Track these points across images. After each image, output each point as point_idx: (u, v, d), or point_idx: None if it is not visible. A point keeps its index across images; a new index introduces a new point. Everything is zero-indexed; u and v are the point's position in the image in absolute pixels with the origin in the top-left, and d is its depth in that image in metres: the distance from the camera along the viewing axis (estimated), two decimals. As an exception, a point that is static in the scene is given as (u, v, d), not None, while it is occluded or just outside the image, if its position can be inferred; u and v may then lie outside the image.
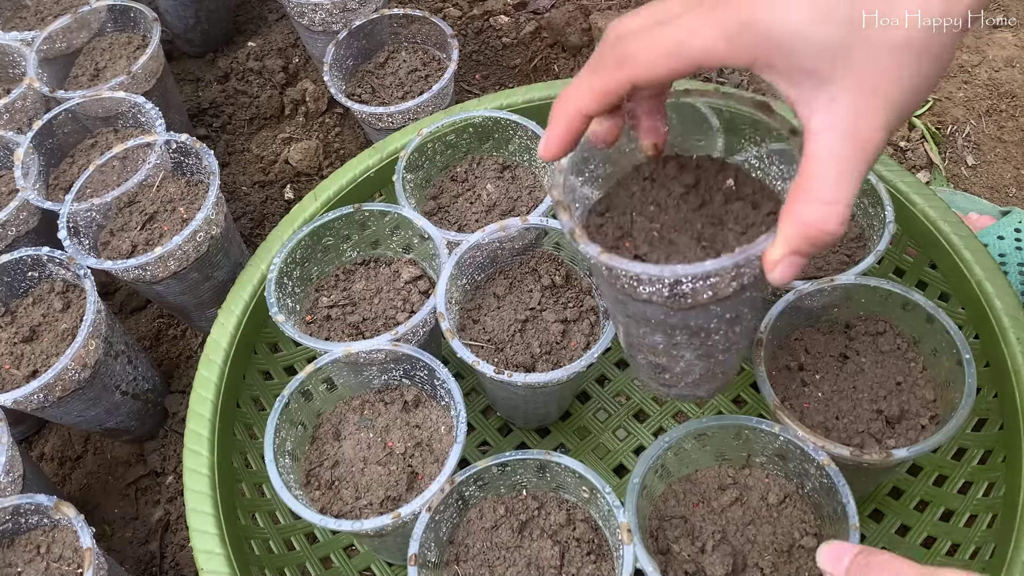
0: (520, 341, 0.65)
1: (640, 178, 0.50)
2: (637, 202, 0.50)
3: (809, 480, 0.56)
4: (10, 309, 0.76)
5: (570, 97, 0.41)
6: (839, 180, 0.35)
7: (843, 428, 0.58)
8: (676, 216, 0.48)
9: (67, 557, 0.62)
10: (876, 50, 0.34)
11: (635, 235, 0.48)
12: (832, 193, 0.35)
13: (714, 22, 0.36)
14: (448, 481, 0.56)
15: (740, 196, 0.48)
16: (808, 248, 0.36)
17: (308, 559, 0.68)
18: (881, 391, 0.59)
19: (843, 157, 0.35)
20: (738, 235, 0.46)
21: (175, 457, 0.83)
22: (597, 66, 0.39)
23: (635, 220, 0.49)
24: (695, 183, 0.49)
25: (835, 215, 0.35)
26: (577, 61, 1.09)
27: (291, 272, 0.70)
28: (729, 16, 0.35)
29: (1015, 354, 0.61)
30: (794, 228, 0.36)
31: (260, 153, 1.06)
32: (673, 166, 0.50)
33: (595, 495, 0.56)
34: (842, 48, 0.34)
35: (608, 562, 0.56)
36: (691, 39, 0.36)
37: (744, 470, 0.59)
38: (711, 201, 0.49)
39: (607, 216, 0.49)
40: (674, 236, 0.48)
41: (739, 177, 0.49)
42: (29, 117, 0.89)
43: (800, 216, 0.36)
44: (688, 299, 0.45)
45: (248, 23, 1.21)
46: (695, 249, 0.47)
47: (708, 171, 0.50)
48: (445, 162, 0.79)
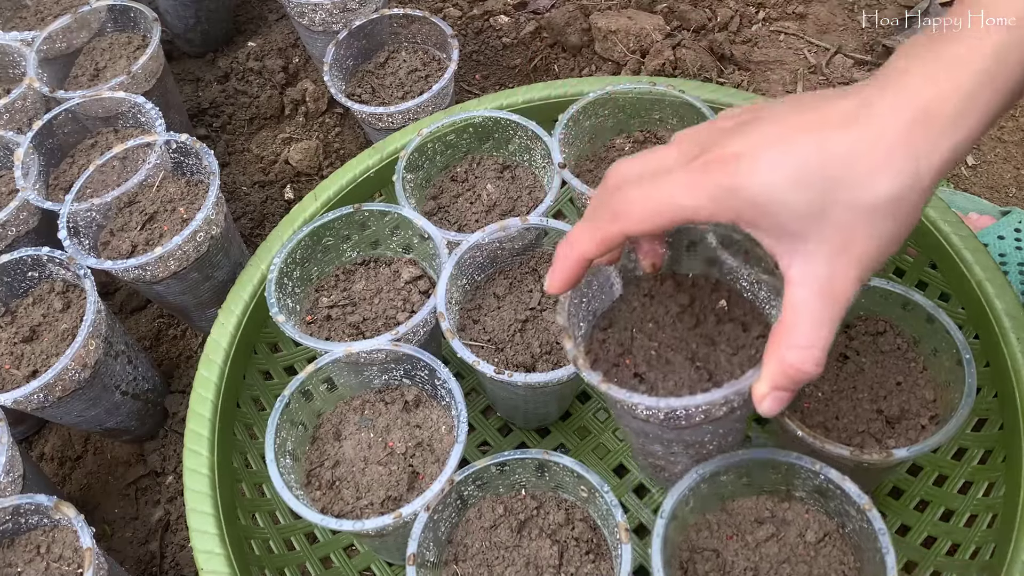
0: (520, 341, 0.65)
1: (640, 294, 0.55)
2: (637, 318, 0.54)
3: (850, 521, 0.53)
4: (10, 309, 0.76)
5: (572, 243, 0.45)
6: (814, 328, 0.40)
7: (843, 428, 0.58)
8: (672, 335, 0.53)
9: (67, 557, 0.62)
10: (847, 212, 0.38)
11: (635, 352, 0.53)
12: (808, 340, 0.40)
13: (705, 185, 0.39)
14: (447, 481, 0.56)
15: (732, 317, 0.53)
16: (790, 384, 0.41)
17: (308, 559, 0.68)
18: (881, 391, 0.59)
19: (818, 308, 0.40)
20: (729, 356, 0.51)
21: (175, 457, 0.83)
22: (595, 217, 0.44)
23: (635, 337, 0.53)
24: (690, 303, 0.54)
25: (811, 358, 0.40)
26: (577, 61, 1.09)
27: (291, 272, 0.70)
28: (716, 179, 0.39)
29: (1015, 354, 0.61)
30: (776, 367, 0.41)
31: (260, 153, 1.06)
32: (670, 284, 0.54)
33: (594, 495, 0.56)
34: (817, 210, 0.38)
35: (607, 561, 0.56)
36: (680, 199, 0.40)
37: (783, 503, 0.55)
38: (705, 321, 0.53)
39: (609, 332, 0.54)
40: (671, 355, 0.52)
41: (731, 298, 0.53)
42: (29, 117, 0.89)
43: (781, 357, 0.41)
44: (683, 421, 0.50)
45: (248, 23, 1.21)
46: (689, 370, 0.51)
47: (703, 291, 0.54)
48: (445, 162, 0.79)
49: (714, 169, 0.39)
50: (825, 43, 1.07)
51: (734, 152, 0.39)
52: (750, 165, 0.38)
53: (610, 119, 0.76)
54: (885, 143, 0.37)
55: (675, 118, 0.75)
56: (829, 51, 1.06)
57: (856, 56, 1.05)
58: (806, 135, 0.38)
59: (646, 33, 1.05)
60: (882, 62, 1.03)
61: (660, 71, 1.02)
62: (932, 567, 0.61)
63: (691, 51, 1.03)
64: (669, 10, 1.11)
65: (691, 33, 1.08)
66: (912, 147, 0.37)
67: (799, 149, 0.38)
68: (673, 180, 0.40)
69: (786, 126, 0.39)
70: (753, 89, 1.03)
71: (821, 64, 1.04)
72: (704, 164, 0.40)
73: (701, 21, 1.09)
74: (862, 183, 0.37)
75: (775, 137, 0.39)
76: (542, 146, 0.73)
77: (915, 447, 0.53)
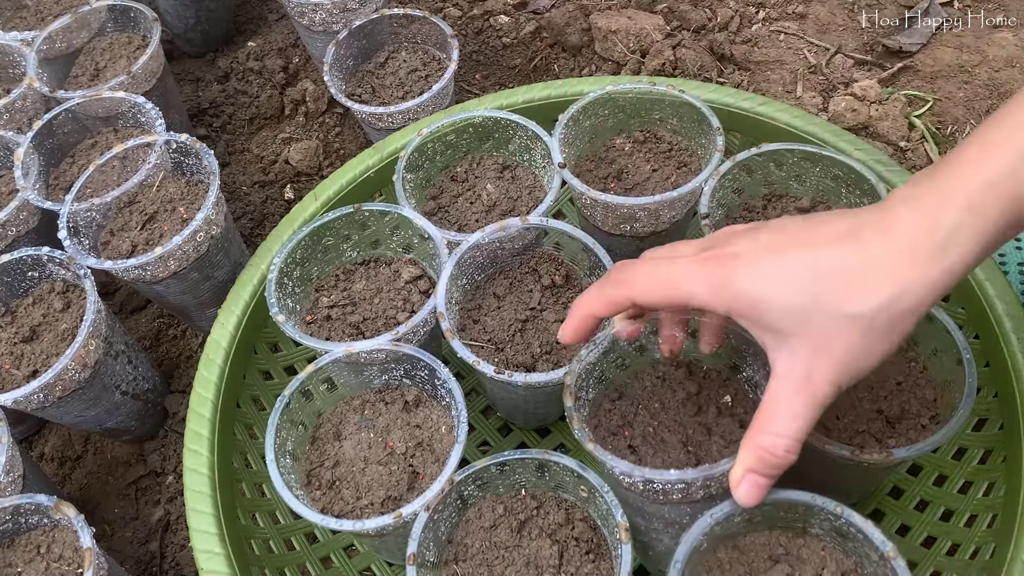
0: (520, 341, 0.65)
1: (654, 375, 0.60)
2: (646, 396, 0.59)
3: (870, 564, 0.49)
4: (10, 309, 0.76)
5: (583, 302, 0.51)
6: (790, 420, 0.43)
7: (843, 428, 0.58)
8: (673, 418, 0.57)
9: (67, 557, 0.62)
10: (827, 320, 0.42)
11: (634, 426, 0.57)
12: (783, 429, 0.43)
13: (703, 274, 0.45)
14: (448, 481, 0.56)
15: (732, 413, 0.57)
16: (762, 468, 0.45)
17: (308, 559, 0.68)
18: (881, 391, 0.59)
19: (795, 403, 0.43)
20: (721, 448, 0.55)
21: (175, 457, 0.83)
22: (607, 282, 0.50)
23: (639, 412, 0.58)
24: (697, 392, 0.58)
25: (783, 446, 0.43)
26: (577, 61, 1.09)
27: (291, 272, 0.70)
28: (716, 273, 0.44)
29: (1015, 354, 0.61)
30: (750, 451, 0.45)
31: (260, 153, 1.06)
32: (683, 372, 0.59)
33: (594, 494, 0.56)
34: (802, 313, 0.42)
35: (607, 561, 0.56)
36: (681, 282, 0.45)
37: (798, 539, 0.52)
38: (706, 411, 0.57)
39: (617, 404, 0.59)
40: (667, 436, 0.56)
41: (738, 395, 0.57)
42: (29, 117, 0.89)
43: (756, 442, 0.44)
44: (661, 496, 0.52)
45: (248, 23, 1.21)
46: (680, 452, 0.55)
47: (712, 383, 0.59)
48: (445, 162, 0.79)
49: (714, 263, 0.44)
50: (825, 43, 1.07)
51: (735, 252, 0.44)
52: (747, 266, 0.43)
53: (610, 119, 0.76)
54: (869, 265, 0.41)
55: (675, 118, 0.75)
56: (829, 51, 1.06)
57: (856, 56, 1.05)
58: (801, 248, 0.43)
59: (646, 33, 1.05)
60: (882, 62, 1.04)
61: (660, 71, 1.02)
62: (932, 567, 0.61)
63: (691, 51, 1.03)
64: (669, 10, 1.11)
65: (691, 33, 1.08)
66: (895, 272, 0.41)
67: (792, 258, 0.43)
68: (678, 264, 0.46)
69: (786, 237, 0.44)
70: (753, 89, 1.03)
71: (821, 64, 1.04)
72: (707, 258, 0.45)
73: (701, 21, 1.09)
74: (842, 297, 0.41)
75: (774, 245, 0.44)
76: (542, 146, 0.73)
77: (915, 447, 0.53)
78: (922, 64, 1.03)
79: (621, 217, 0.69)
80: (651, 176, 0.74)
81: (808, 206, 0.70)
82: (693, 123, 0.73)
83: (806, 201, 0.70)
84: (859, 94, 0.99)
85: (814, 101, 1.00)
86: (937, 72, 1.02)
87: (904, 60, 1.04)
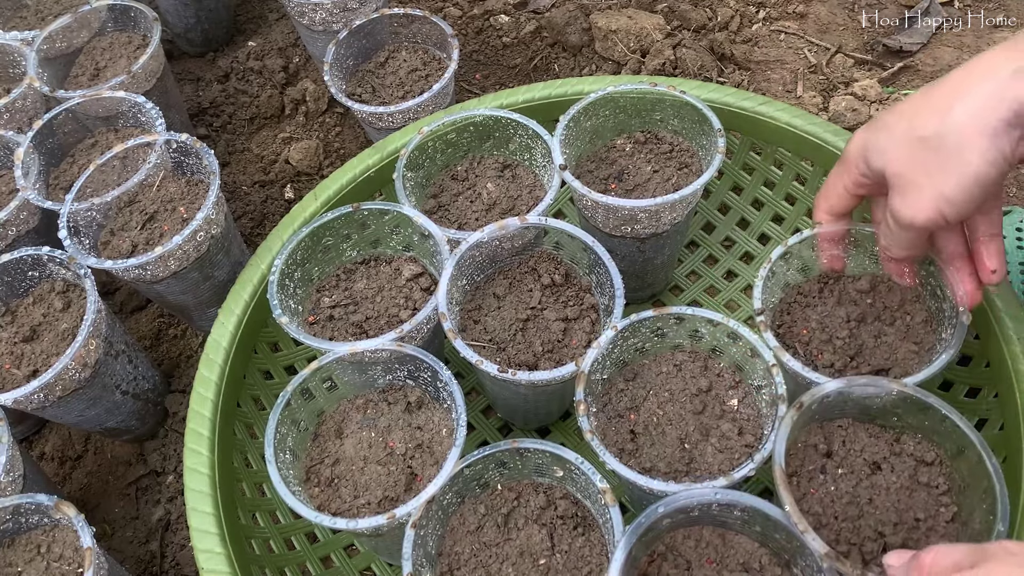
0: (522, 340, 0.65)
1: (671, 364, 0.62)
2: (659, 383, 0.62)
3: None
4: (10, 309, 0.76)
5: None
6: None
7: (835, 530, 0.53)
8: (677, 411, 0.60)
9: (67, 557, 0.62)
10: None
11: (640, 412, 0.60)
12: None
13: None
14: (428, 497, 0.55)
15: (734, 418, 0.59)
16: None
17: (308, 558, 0.68)
18: (894, 518, 0.53)
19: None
20: (716, 452, 0.57)
21: (175, 456, 0.83)
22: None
23: (647, 397, 0.61)
24: (708, 388, 0.61)
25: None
26: (577, 61, 1.09)
27: (292, 273, 0.70)
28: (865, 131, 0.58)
29: (1015, 354, 0.61)
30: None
31: (260, 153, 1.06)
32: (699, 365, 0.62)
33: (570, 470, 0.56)
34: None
35: (596, 530, 0.57)
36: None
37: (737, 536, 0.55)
38: (711, 411, 0.60)
39: (630, 383, 0.62)
40: (667, 429, 0.59)
41: (744, 399, 0.60)
42: (29, 117, 0.89)
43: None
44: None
45: (248, 23, 1.21)
46: (675, 449, 0.58)
47: (724, 382, 0.61)
48: (445, 161, 0.79)
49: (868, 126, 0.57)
50: (825, 43, 1.07)
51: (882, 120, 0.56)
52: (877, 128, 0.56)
53: (611, 119, 0.76)
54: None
55: (675, 118, 0.75)
56: (829, 51, 1.06)
57: (856, 56, 1.05)
58: (909, 113, 0.53)
59: (646, 33, 1.05)
60: (882, 62, 1.03)
61: (660, 71, 1.02)
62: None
63: (691, 51, 1.03)
64: (669, 10, 1.11)
65: (691, 33, 1.08)
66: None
67: (902, 119, 0.53)
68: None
69: (908, 103, 0.54)
70: (753, 89, 1.03)
71: (821, 63, 1.04)
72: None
73: (701, 21, 1.09)
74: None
75: (896, 111, 0.54)
76: (542, 145, 0.73)
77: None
78: (922, 64, 1.03)
79: (622, 219, 0.69)
80: (652, 177, 0.74)
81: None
82: (694, 124, 0.73)
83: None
84: (859, 94, 0.99)
85: (814, 101, 1.00)
86: (937, 71, 1.02)
87: (904, 60, 1.04)
